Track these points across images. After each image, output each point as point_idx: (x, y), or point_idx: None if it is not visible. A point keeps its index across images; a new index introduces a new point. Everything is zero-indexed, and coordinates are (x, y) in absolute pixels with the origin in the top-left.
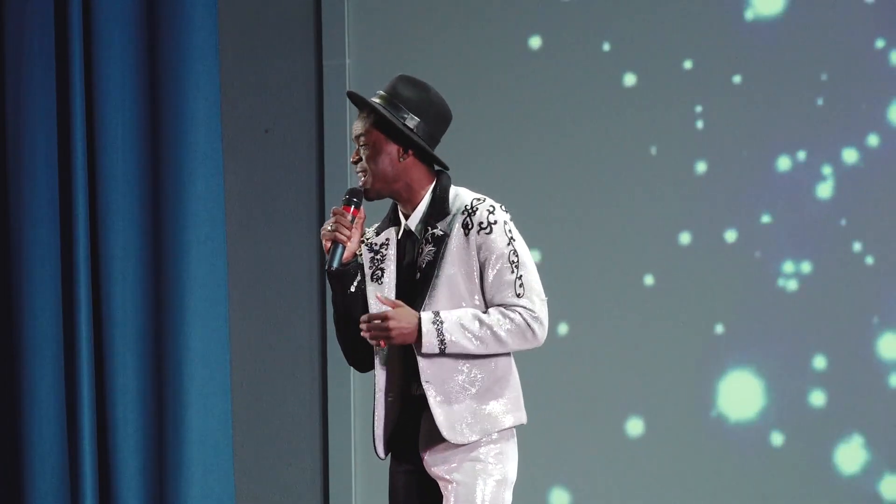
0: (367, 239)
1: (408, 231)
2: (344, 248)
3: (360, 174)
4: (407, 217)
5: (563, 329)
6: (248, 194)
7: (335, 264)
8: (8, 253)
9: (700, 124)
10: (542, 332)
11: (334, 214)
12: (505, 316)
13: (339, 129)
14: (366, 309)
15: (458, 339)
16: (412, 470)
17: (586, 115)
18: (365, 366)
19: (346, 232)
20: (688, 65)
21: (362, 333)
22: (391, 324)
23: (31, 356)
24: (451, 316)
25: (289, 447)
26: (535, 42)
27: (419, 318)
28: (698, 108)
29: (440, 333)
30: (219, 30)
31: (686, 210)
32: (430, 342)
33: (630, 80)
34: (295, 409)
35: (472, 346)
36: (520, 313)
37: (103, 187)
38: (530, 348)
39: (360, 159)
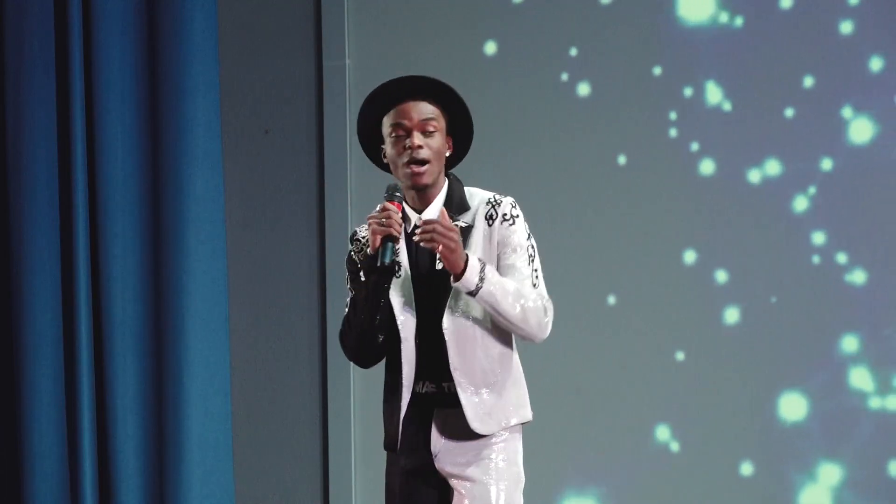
0: None
1: (418, 226)
2: (395, 243)
3: (420, 160)
4: (419, 212)
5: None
6: (248, 194)
7: (387, 260)
8: (8, 253)
9: (673, 132)
10: (549, 326)
11: (384, 210)
12: (533, 295)
13: (339, 129)
14: (389, 300)
15: (495, 287)
16: (410, 468)
17: (564, 122)
18: (371, 361)
19: (399, 228)
20: (657, 71)
21: (422, 234)
22: (455, 236)
23: (31, 356)
24: (491, 266)
25: (289, 447)
26: (498, 46)
27: (467, 255)
28: (672, 116)
29: (482, 272)
30: (219, 30)
31: (653, 222)
32: (471, 277)
33: (588, 88)
34: (295, 409)
35: (501, 300)
36: (542, 301)
37: (103, 187)
38: (532, 337)
39: (422, 145)
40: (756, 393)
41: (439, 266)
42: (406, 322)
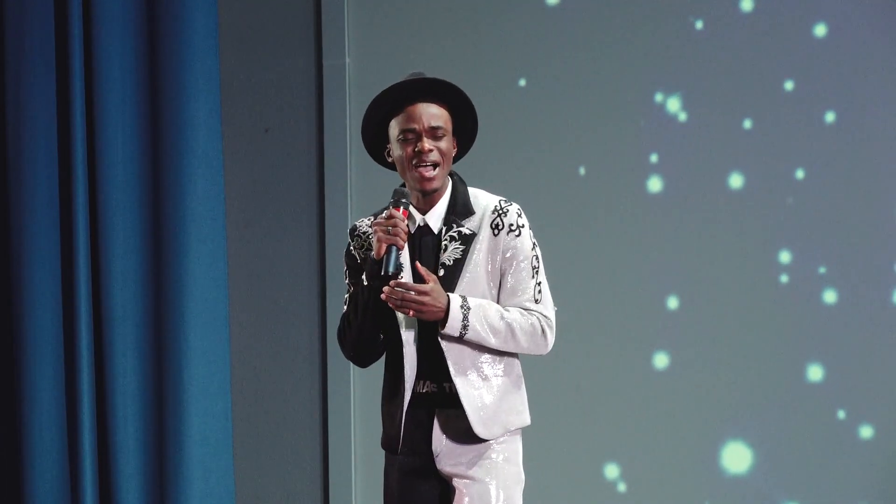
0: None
1: (421, 227)
2: (400, 251)
3: (431, 164)
4: (423, 213)
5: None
6: (248, 194)
7: (392, 268)
8: (8, 253)
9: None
10: (552, 340)
11: (391, 217)
12: (524, 316)
13: (339, 129)
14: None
15: (479, 329)
16: (409, 468)
17: (574, 116)
18: (369, 361)
19: (405, 236)
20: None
21: (390, 298)
22: (427, 299)
23: (31, 356)
24: (476, 304)
25: (289, 447)
26: (520, 43)
27: (448, 299)
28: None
29: (465, 319)
30: (219, 30)
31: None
32: (453, 325)
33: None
34: (295, 409)
35: (489, 338)
36: (537, 318)
37: (103, 187)
38: (537, 354)
39: (433, 150)
40: (709, 433)
41: (441, 273)
42: (408, 324)
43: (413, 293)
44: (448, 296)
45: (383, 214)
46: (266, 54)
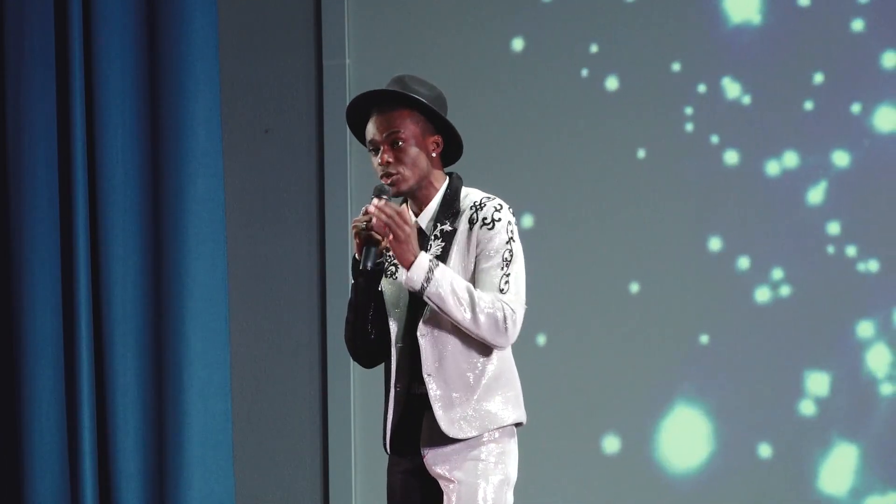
0: None
1: (417, 228)
2: (377, 248)
3: (390, 175)
4: (417, 215)
5: (541, 339)
6: (248, 194)
7: (369, 265)
8: (8, 253)
9: (689, 127)
10: (513, 334)
11: (366, 214)
12: (490, 300)
13: (339, 129)
14: (383, 302)
15: (443, 290)
16: (410, 469)
17: (573, 118)
18: (370, 360)
19: (381, 232)
20: (676, 67)
21: (372, 211)
22: (408, 230)
23: (31, 356)
24: (446, 269)
25: (289, 447)
26: (518, 43)
27: (422, 253)
28: (687, 111)
29: (430, 272)
30: (219, 30)
31: (674, 215)
32: (418, 275)
33: (616, 83)
34: (295, 409)
35: (449, 300)
36: (502, 305)
37: (103, 187)
38: (494, 345)
39: (391, 160)
40: (776, 375)
41: None
42: (397, 323)
43: (399, 219)
44: (422, 251)
45: (361, 211)
46: (266, 54)
